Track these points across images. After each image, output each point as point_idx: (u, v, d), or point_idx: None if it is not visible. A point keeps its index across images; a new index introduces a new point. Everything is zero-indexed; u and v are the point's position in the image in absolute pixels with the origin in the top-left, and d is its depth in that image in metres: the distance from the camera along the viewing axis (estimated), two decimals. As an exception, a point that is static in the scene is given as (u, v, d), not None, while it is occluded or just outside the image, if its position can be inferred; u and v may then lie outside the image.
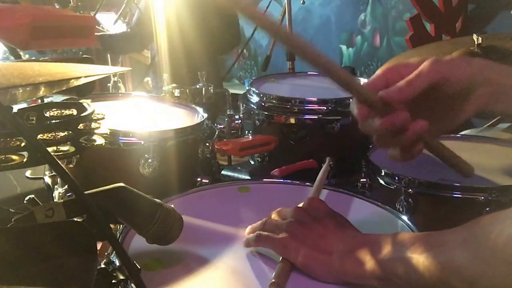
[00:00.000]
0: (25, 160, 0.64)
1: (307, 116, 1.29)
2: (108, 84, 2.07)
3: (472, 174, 0.79)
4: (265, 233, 0.71)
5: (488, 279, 0.53)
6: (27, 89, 0.54)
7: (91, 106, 0.80)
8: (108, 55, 2.81)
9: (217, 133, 1.26)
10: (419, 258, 0.58)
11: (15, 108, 0.72)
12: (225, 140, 1.33)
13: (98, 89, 2.53)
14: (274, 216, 0.76)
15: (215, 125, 1.34)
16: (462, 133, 1.54)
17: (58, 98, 1.07)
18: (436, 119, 0.70)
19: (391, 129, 0.66)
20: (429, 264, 0.57)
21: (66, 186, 1.08)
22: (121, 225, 0.80)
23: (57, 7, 2.54)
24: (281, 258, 0.68)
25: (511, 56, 1.29)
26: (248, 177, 1.32)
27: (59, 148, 0.71)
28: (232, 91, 1.63)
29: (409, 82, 0.65)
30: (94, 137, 0.78)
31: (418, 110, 0.67)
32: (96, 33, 2.61)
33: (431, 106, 0.69)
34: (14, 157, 0.64)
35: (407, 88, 0.65)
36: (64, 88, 0.66)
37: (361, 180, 1.08)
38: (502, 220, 0.54)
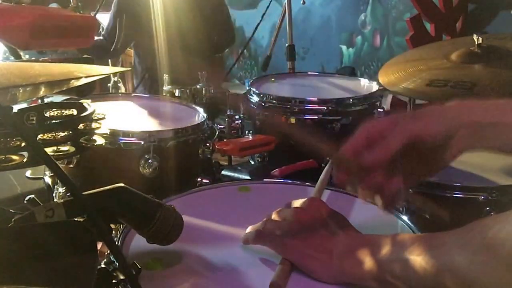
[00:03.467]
0: (25, 160, 0.64)
1: (307, 116, 1.29)
2: (108, 84, 2.08)
3: (446, 220, 0.82)
4: (265, 231, 0.71)
5: (486, 281, 0.53)
6: (27, 89, 0.54)
7: (91, 106, 0.80)
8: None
9: (217, 133, 1.26)
10: (417, 259, 0.58)
11: (15, 108, 0.72)
12: (225, 140, 1.33)
13: (98, 89, 2.53)
14: (274, 216, 0.76)
15: (215, 125, 1.34)
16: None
17: (58, 98, 1.07)
18: (418, 167, 0.72)
19: (369, 190, 0.72)
20: (427, 265, 0.57)
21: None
22: (121, 225, 0.80)
23: (57, 7, 2.55)
24: (281, 258, 0.68)
25: (511, 56, 1.29)
26: (248, 177, 1.32)
27: (59, 148, 0.71)
28: (232, 91, 1.63)
29: (383, 147, 0.68)
30: (94, 137, 0.78)
31: (398, 162, 0.69)
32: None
33: (411, 158, 0.70)
34: (14, 157, 0.64)
35: (382, 152, 0.68)
36: (64, 88, 0.66)
37: (361, 180, 1.08)
38: (501, 223, 0.54)
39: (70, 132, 0.72)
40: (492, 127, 0.67)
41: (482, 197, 0.92)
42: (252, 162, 1.40)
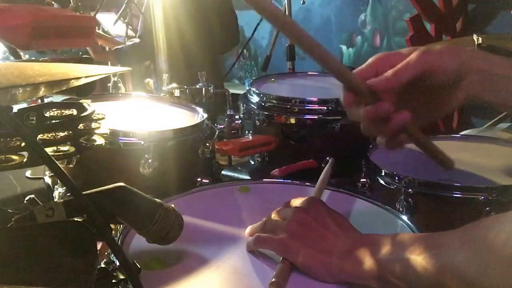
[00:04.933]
0: (25, 160, 0.64)
1: (307, 116, 1.29)
2: (108, 84, 2.08)
3: (452, 167, 0.81)
4: (264, 234, 0.71)
5: (486, 281, 0.53)
6: (27, 89, 0.54)
7: (91, 106, 0.80)
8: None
9: (217, 133, 1.26)
10: (418, 259, 0.58)
11: (15, 108, 0.72)
12: (225, 140, 1.33)
13: (98, 89, 2.53)
14: (274, 216, 0.76)
15: (215, 125, 1.34)
16: (462, 133, 1.55)
17: (58, 98, 1.07)
18: (424, 108, 0.71)
19: (375, 119, 0.68)
20: (427, 265, 0.57)
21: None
22: (121, 225, 0.80)
23: (57, 6, 2.55)
24: (281, 258, 0.68)
25: (511, 56, 1.29)
26: (248, 177, 1.32)
27: (59, 148, 0.71)
28: (232, 91, 1.63)
29: (396, 72, 0.67)
30: (94, 137, 0.78)
31: (406, 99, 0.68)
32: (112, 48, 2.62)
33: (419, 95, 0.70)
34: (14, 157, 0.64)
35: (394, 78, 0.67)
36: (64, 88, 0.66)
37: (361, 180, 1.08)
38: (502, 223, 0.54)
39: (70, 132, 0.72)
40: (501, 79, 0.67)
41: (482, 197, 0.92)
42: (252, 162, 1.40)
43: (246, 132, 1.38)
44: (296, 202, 0.77)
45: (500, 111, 1.57)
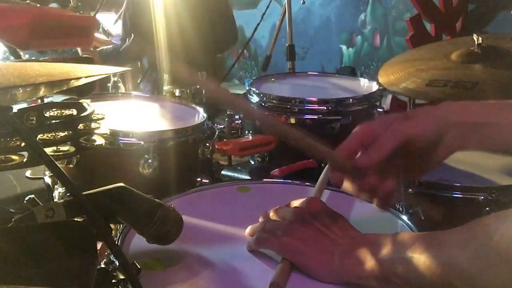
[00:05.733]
0: (25, 160, 0.64)
1: (307, 116, 1.29)
2: (108, 84, 2.07)
3: (439, 219, 0.86)
4: (264, 234, 0.71)
5: (488, 279, 0.53)
6: (27, 89, 0.54)
7: (91, 106, 0.80)
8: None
9: (217, 133, 1.26)
10: (420, 258, 0.58)
11: (15, 108, 0.72)
12: (225, 140, 1.33)
13: (98, 89, 2.53)
14: (272, 214, 0.76)
15: (215, 125, 1.34)
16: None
17: (58, 98, 1.07)
18: (410, 167, 0.74)
19: (363, 192, 0.73)
20: (429, 264, 0.57)
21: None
22: (121, 225, 0.80)
23: (57, 7, 2.55)
24: (281, 258, 0.68)
25: (511, 56, 1.29)
26: (248, 177, 1.32)
27: (59, 148, 0.71)
28: (232, 91, 1.63)
29: (377, 148, 0.70)
30: (94, 137, 0.78)
31: (392, 163, 0.70)
32: (96, 49, 2.63)
33: (404, 158, 0.72)
34: (14, 157, 0.64)
35: (376, 154, 0.69)
36: (64, 88, 0.66)
37: (361, 180, 1.08)
38: (503, 220, 0.54)
39: (70, 132, 0.72)
40: (481, 127, 0.68)
41: (482, 197, 0.92)
42: (252, 162, 1.40)
43: (246, 132, 1.38)
44: (296, 203, 0.77)
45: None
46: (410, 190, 0.96)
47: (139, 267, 0.63)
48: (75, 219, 0.59)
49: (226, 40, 2.83)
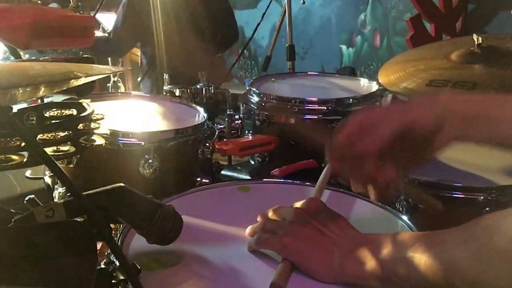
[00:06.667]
0: (25, 160, 0.64)
1: (307, 116, 1.29)
2: (108, 84, 2.08)
3: (440, 210, 0.85)
4: (265, 235, 0.71)
5: (489, 279, 0.53)
6: (27, 89, 0.54)
7: (91, 106, 0.80)
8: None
9: (217, 133, 1.26)
10: (420, 258, 0.58)
11: (15, 108, 0.72)
12: (225, 140, 1.33)
13: (98, 89, 2.54)
14: (271, 214, 0.76)
15: (215, 125, 1.34)
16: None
17: (58, 98, 1.07)
18: (409, 156, 0.73)
19: (362, 180, 0.73)
20: (430, 263, 0.57)
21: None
22: (121, 225, 0.80)
23: (57, 7, 2.55)
24: (281, 258, 0.68)
25: (511, 56, 1.29)
26: (248, 177, 1.32)
27: (59, 148, 0.71)
28: (232, 91, 1.62)
29: (377, 135, 0.70)
30: (94, 137, 0.78)
31: (391, 151, 0.70)
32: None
33: (404, 146, 0.72)
34: (14, 157, 0.64)
35: (376, 141, 0.70)
36: (64, 88, 0.66)
37: (361, 180, 1.07)
38: (503, 220, 0.54)
39: (70, 132, 0.72)
40: (480, 119, 0.68)
41: (482, 197, 0.92)
42: (252, 162, 1.40)
43: (246, 132, 1.38)
44: (298, 204, 0.77)
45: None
46: (404, 181, 0.96)
47: (139, 267, 0.63)
48: (75, 219, 0.59)
49: (226, 39, 2.83)
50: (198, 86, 1.50)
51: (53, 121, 0.74)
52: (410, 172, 0.78)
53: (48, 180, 1.15)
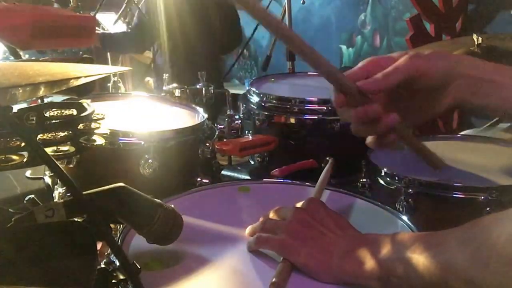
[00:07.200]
0: (25, 160, 0.64)
1: (307, 116, 1.29)
2: (108, 84, 2.07)
3: (442, 167, 0.84)
4: (264, 234, 0.71)
5: (487, 280, 0.53)
6: (27, 89, 0.54)
7: (91, 106, 0.80)
8: (108, 55, 2.81)
9: (217, 133, 1.26)
10: (419, 258, 0.58)
11: (15, 108, 0.72)
12: (225, 140, 1.33)
13: (98, 89, 2.53)
14: (272, 215, 0.76)
15: (215, 125, 1.34)
16: (462, 133, 1.54)
17: (58, 98, 1.07)
18: (413, 110, 0.73)
19: (364, 119, 0.71)
20: (428, 264, 0.57)
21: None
22: (121, 225, 0.80)
23: (57, 7, 2.55)
24: (281, 258, 0.68)
25: (511, 56, 1.29)
26: (248, 177, 1.32)
27: (59, 148, 0.71)
28: (232, 91, 1.63)
29: (385, 74, 0.69)
30: (94, 137, 0.78)
31: (395, 101, 0.71)
32: (96, 32, 2.62)
33: (408, 98, 0.72)
34: (14, 157, 0.64)
35: (383, 80, 0.69)
36: (64, 88, 0.66)
37: (361, 180, 1.08)
38: (502, 221, 0.54)
39: (70, 132, 0.72)
40: (489, 83, 0.69)
41: (482, 197, 0.92)
42: (252, 162, 1.40)
43: (246, 132, 1.38)
44: (299, 205, 0.77)
45: (491, 116, 1.57)
46: (410, 190, 0.96)
47: (139, 267, 0.63)
48: (75, 219, 0.59)
49: (230, 41, 2.84)
50: (198, 86, 1.51)
51: (53, 121, 0.74)
52: (413, 123, 0.78)
53: (48, 180, 1.15)
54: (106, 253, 0.68)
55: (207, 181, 1.13)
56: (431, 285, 0.57)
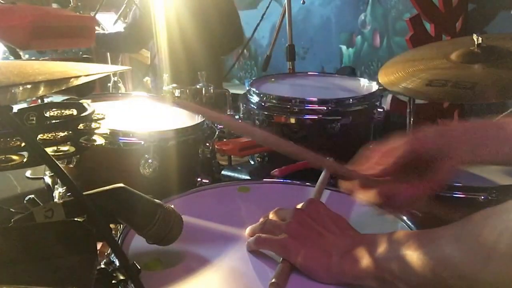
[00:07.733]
0: (25, 160, 0.64)
1: (307, 116, 1.29)
2: (108, 84, 2.08)
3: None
4: (264, 235, 0.71)
5: (481, 275, 0.53)
6: (27, 87, 0.54)
7: (91, 106, 0.80)
8: (108, 55, 2.81)
9: (217, 133, 1.26)
10: (413, 255, 0.58)
11: (15, 108, 0.72)
12: (225, 140, 1.33)
13: (98, 89, 2.53)
14: (272, 216, 0.76)
15: (215, 125, 1.34)
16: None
17: (58, 98, 1.07)
18: (425, 176, 0.76)
19: (380, 199, 0.76)
20: (422, 260, 0.57)
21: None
22: (121, 225, 0.80)
23: (57, 7, 2.55)
24: (281, 258, 0.68)
25: (511, 56, 1.29)
26: (248, 177, 1.32)
27: (59, 148, 0.71)
28: (232, 91, 1.63)
29: (386, 158, 0.77)
30: (94, 137, 0.78)
31: (406, 173, 0.76)
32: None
33: (415, 172, 0.76)
34: (14, 157, 0.64)
35: (386, 162, 0.76)
36: (64, 87, 0.66)
37: (361, 180, 1.07)
38: (490, 218, 0.55)
39: (70, 132, 0.72)
40: (483, 144, 0.73)
41: (482, 197, 0.92)
42: (252, 162, 1.40)
43: (246, 132, 1.38)
44: (298, 206, 0.77)
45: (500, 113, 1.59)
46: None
47: (139, 267, 0.63)
48: (75, 219, 0.59)
49: (231, 42, 2.84)
50: (198, 86, 1.51)
51: (53, 121, 0.74)
52: (428, 195, 0.81)
53: (48, 180, 1.15)
54: (106, 253, 0.68)
55: (207, 181, 1.13)
56: (426, 282, 0.58)
